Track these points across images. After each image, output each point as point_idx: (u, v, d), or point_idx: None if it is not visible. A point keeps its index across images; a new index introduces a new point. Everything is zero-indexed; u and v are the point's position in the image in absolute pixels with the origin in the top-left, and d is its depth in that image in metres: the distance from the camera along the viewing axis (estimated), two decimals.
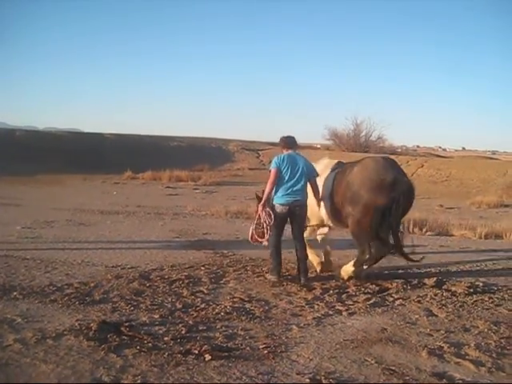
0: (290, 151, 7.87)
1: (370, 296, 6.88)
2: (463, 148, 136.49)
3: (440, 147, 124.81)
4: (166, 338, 5.00)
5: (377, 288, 7.22)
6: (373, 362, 4.67)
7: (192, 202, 17.36)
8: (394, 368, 4.54)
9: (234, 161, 39.45)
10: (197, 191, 22.29)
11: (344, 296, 6.88)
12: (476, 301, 6.83)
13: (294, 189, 7.58)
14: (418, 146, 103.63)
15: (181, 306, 6.10)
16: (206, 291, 6.80)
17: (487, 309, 6.52)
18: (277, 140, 8.39)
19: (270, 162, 8.08)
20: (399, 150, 54.97)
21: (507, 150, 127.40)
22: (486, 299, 6.91)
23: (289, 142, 8.00)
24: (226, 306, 6.13)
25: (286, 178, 7.57)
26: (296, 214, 7.65)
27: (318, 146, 56.89)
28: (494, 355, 4.95)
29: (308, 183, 7.70)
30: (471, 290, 7.24)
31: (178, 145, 41.76)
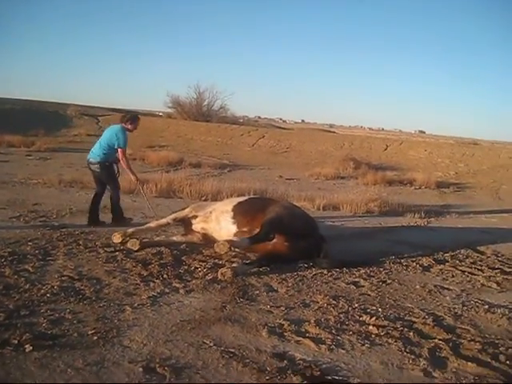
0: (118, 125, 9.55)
1: (209, 271, 6.65)
2: (302, 120, 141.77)
3: (281, 119, 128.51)
4: None
5: (216, 262, 7.02)
6: (211, 344, 4.43)
7: (23, 170, 16.13)
8: (233, 350, 4.34)
9: (71, 126, 37.50)
10: (30, 158, 20.79)
11: (182, 271, 6.59)
12: (315, 274, 6.86)
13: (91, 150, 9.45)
14: (259, 117, 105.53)
15: (1, 287, 5.44)
16: (31, 269, 6.15)
17: (326, 282, 6.56)
18: (117, 106, 8.22)
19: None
20: (241, 120, 55.61)
21: (343, 123, 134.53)
22: (325, 272, 6.96)
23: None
24: (53, 286, 5.57)
25: None
26: (91, 170, 9.46)
27: (160, 114, 56.11)
28: (333, 331, 4.92)
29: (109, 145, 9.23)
30: (310, 263, 7.24)
31: (11, 108, 38.93)
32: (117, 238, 7.57)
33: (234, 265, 6.85)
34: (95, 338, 4.35)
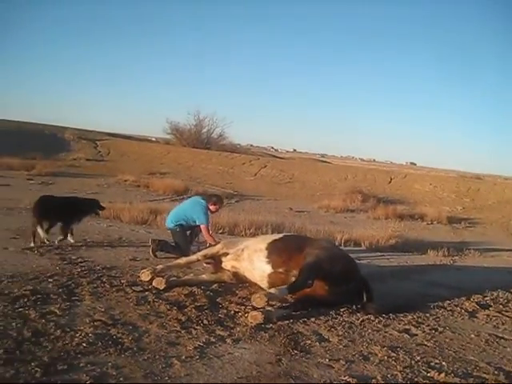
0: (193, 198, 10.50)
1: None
2: (294, 150, 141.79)
3: (272, 147, 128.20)
4: None
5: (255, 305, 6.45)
6: None
7: (27, 195, 15.49)
8: None
9: (70, 150, 36.96)
10: (31, 182, 20.27)
11: (222, 316, 6.00)
12: (363, 321, 6.32)
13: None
14: (251, 145, 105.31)
15: (30, 334, 4.79)
16: (58, 312, 5.51)
17: (377, 330, 6.02)
18: (116, 131, 7.89)
19: None
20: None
21: (334, 153, 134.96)
22: (373, 319, 6.42)
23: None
24: (87, 334, 4.93)
25: None
26: None
27: (153, 139, 55.89)
28: None
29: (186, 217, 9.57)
30: (354, 308, 6.73)
31: (6, 129, 38.36)
32: (145, 276, 7.02)
33: (267, 308, 6.29)
34: None
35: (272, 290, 6.37)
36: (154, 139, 57.29)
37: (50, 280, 6.69)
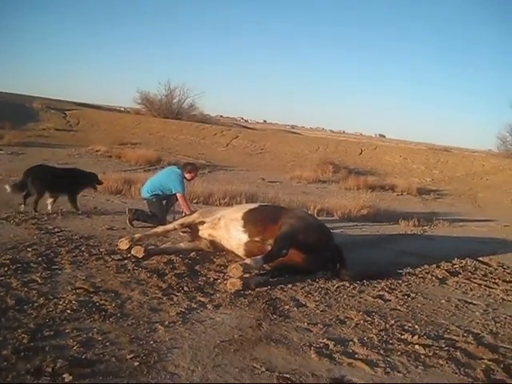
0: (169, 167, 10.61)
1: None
2: (265, 121, 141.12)
3: (242, 118, 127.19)
4: (4, 352, 3.80)
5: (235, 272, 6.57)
6: (263, 369, 3.99)
7: None
8: (289, 376, 3.91)
9: (38, 120, 36.39)
10: (0, 152, 20.00)
11: (201, 283, 6.14)
12: (338, 287, 6.54)
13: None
14: (221, 116, 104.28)
15: (13, 302, 4.83)
16: (40, 280, 5.55)
17: (352, 296, 6.25)
18: (85, 101, 7.92)
19: None
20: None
21: (304, 125, 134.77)
22: (348, 285, 6.64)
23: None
24: (70, 301, 4.99)
25: None
26: None
27: (122, 109, 55.25)
28: (381, 352, 4.57)
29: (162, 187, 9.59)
30: (329, 275, 6.96)
31: None
32: (124, 245, 7.09)
33: (245, 275, 6.41)
34: (136, 363, 3.85)
35: (247, 261, 6.48)
36: (122, 109, 56.71)
37: (28, 249, 6.71)
